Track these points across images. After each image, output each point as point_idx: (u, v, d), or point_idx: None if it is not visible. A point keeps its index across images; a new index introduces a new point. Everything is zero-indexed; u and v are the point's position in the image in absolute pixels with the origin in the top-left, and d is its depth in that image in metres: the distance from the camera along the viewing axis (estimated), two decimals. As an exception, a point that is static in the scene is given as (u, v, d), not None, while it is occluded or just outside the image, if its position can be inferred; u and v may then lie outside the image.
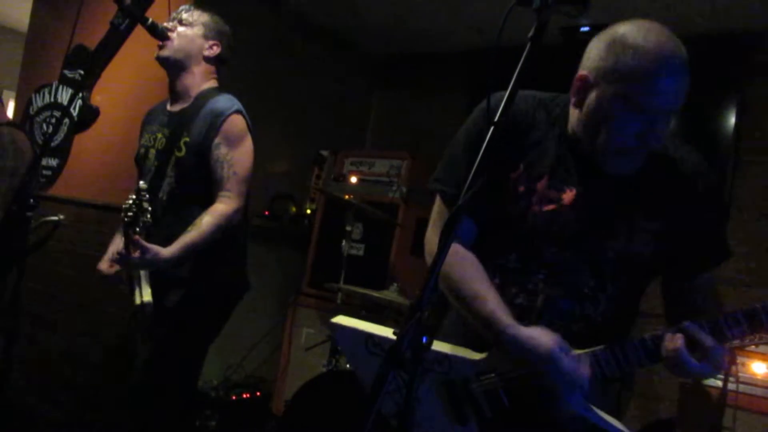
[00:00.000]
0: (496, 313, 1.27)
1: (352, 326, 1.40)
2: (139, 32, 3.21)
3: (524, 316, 1.31)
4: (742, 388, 2.61)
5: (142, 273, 2.07)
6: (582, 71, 1.27)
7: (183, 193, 2.18)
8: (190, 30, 2.25)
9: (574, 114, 1.32)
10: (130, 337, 2.27)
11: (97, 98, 3.75)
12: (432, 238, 1.44)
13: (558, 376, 1.20)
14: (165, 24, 2.25)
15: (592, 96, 1.25)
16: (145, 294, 2.06)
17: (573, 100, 1.29)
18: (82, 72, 3.85)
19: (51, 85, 4.00)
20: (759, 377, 2.71)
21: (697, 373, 1.16)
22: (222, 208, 2.11)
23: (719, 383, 2.62)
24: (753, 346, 2.75)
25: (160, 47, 2.23)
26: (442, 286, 1.38)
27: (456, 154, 1.40)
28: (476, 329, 1.32)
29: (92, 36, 3.75)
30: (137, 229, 1.95)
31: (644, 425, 3.14)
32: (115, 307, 3.16)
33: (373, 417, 0.81)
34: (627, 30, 1.22)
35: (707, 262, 1.35)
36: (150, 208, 1.95)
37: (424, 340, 0.88)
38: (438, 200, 1.46)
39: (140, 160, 2.31)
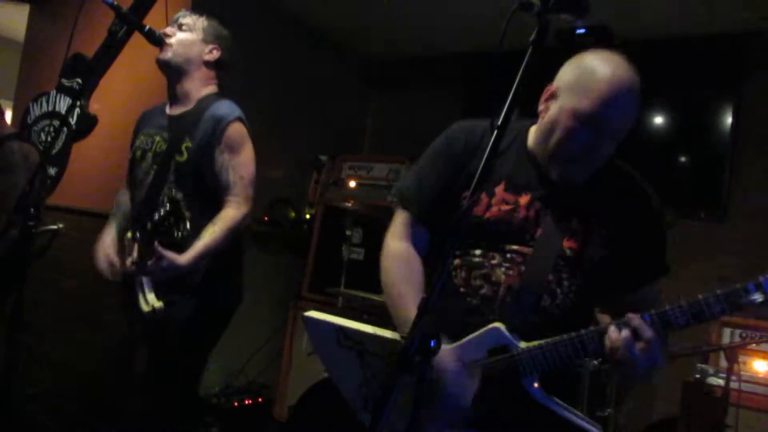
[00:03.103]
0: (410, 314, 1.38)
1: (324, 319, 1.47)
2: (137, 40, 3.22)
3: (487, 306, 1.44)
4: (744, 386, 2.62)
5: (146, 279, 2.08)
6: (552, 84, 1.45)
7: (183, 198, 2.18)
8: (189, 35, 2.26)
9: (534, 128, 1.51)
10: (132, 345, 2.27)
11: (95, 106, 3.75)
12: (388, 240, 1.59)
13: (446, 385, 1.37)
14: (164, 29, 2.25)
15: (555, 106, 1.42)
16: (151, 299, 2.06)
17: (540, 107, 1.47)
18: (79, 80, 3.85)
19: (48, 94, 4.00)
20: (761, 375, 2.73)
21: (637, 365, 1.25)
22: (232, 213, 2.12)
23: (721, 382, 2.63)
24: (754, 345, 2.76)
25: (161, 50, 2.23)
26: (381, 281, 1.55)
27: (417, 166, 1.60)
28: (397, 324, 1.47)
29: (89, 44, 3.74)
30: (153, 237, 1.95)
31: (646, 425, 3.15)
32: (115, 315, 3.15)
33: (383, 419, 0.81)
34: (593, 56, 1.41)
35: (648, 276, 1.49)
36: (189, 215, 1.95)
37: (432, 344, 0.88)
38: (398, 211, 1.61)
39: (135, 162, 2.30)
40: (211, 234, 2.06)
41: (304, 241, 4.05)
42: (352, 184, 3.94)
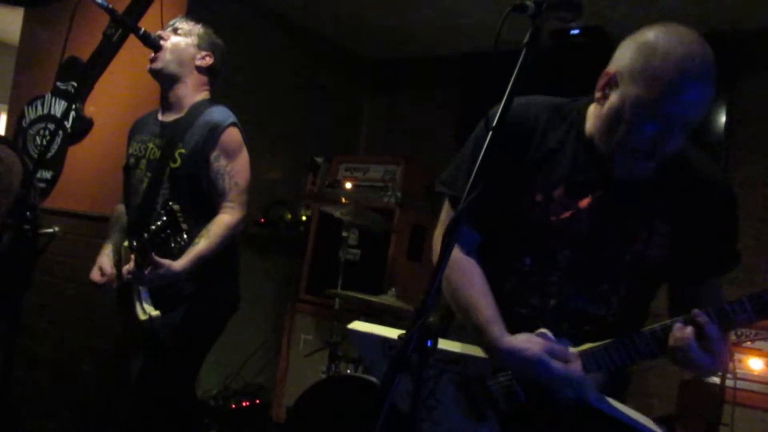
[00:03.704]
0: (489, 325, 1.31)
1: (368, 331, 1.42)
2: (132, 43, 3.22)
3: (537, 316, 1.35)
4: (739, 384, 2.63)
5: (142, 287, 2.09)
6: (610, 68, 1.28)
7: (180, 209, 2.17)
8: (183, 39, 2.26)
9: (593, 113, 1.34)
10: (128, 354, 2.28)
11: (91, 109, 3.75)
12: (437, 238, 1.47)
13: (551, 380, 1.25)
14: (159, 32, 2.25)
15: (616, 94, 1.25)
16: (148, 308, 2.07)
17: (597, 95, 1.30)
18: (74, 83, 3.85)
19: (44, 97, 4.00)
20: (756, 373, 2.74)
21: (701, 364, 1.18)
22: (227, 218, 2.13)
23: (717, 380, 2.64)
24: (749, 342, 2.78)
25: (152, 60, 2.22)
26: (443, 291, 1.42)
27: (463, 158, 1.43)
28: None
29: (84, 47, 3.75)
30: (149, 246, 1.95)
31: (643, 423, 3.15)
32: (113, 319, 3.15)
33: (383, 418, 0.82)
34: (659, 34, 1.22)
35: (717, 269, 1.39)
36: (186, 227, 1.94)
37: (429, 344, 0.89)
38: (446, 202, 1.49)
39: (129, 169, 2.30)
40: (205, 240, 2.07)
41: (300, 242, 4.05)
42: (348, 185, 3.95)
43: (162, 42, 2.22)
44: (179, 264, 2.01)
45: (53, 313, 3.58)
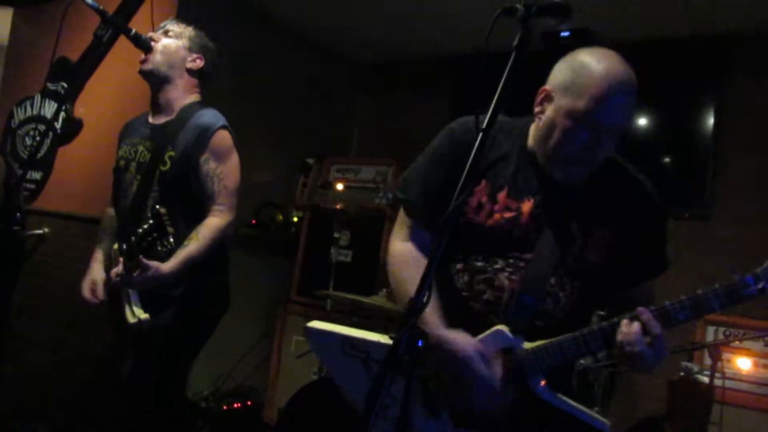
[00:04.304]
0: (426, 315, 1.37)
1: (327, 329, 1.46)
2: (122, 44, 3.21)
3: (491, 311, 1.44)
4: (728, 383, 2.65)
5: (131, 290, 2.08)
6: (546, 86, 1.43)
7: (167, 208, 2.17)
8: (174, 41, 2.25)
9: (533, 128, 1.48)
10: (118, 355, 2.27)
11: (81, 110, 3.73)
12: (392, 242, 1.60)
13: (474, 374, 1.35)
14: (150, 34, 2.25)
15: (550, 108, 1.40)
16: (137, 311, 2.06)
17: (536, 110, 1.44)
18: (65, 84, 3.83)
19: (33, 98, 3.98)
20: (744, 372, 2.77)
21: (645, 359, 1.28)
22: (217, 221, 2.12)
23: (706, 379, 2.66)
24: (737, 342, 2.80)
25: (143, 61, 2.21)
26: (390, 284, 1.55)
27: (420, 168, 1.56)
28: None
29: (75, 48, 3.73)
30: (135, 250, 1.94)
31: (633, 424, 3.18)
32: (104, 321, 3.14)
33: (372, 419, 0.82)
34: (586, 54, 1.39)
35: (650, 273, 1.51)
36: (172, 231, 1.94)
37: (420, 343, 0.89)
38: (401, 210, 1.60)
39: (119, 172, 2.29)
40: (194, 242, 2.07)
41: (291, 244, 4.05)
42: (340, 186, 3.95)
43: (153, 43, 2.22)
44: (168, 266, 2.00)
45: (43, 314, 3.56)
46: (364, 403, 1.32)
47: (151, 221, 1.93)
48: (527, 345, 1.37)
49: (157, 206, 1.98)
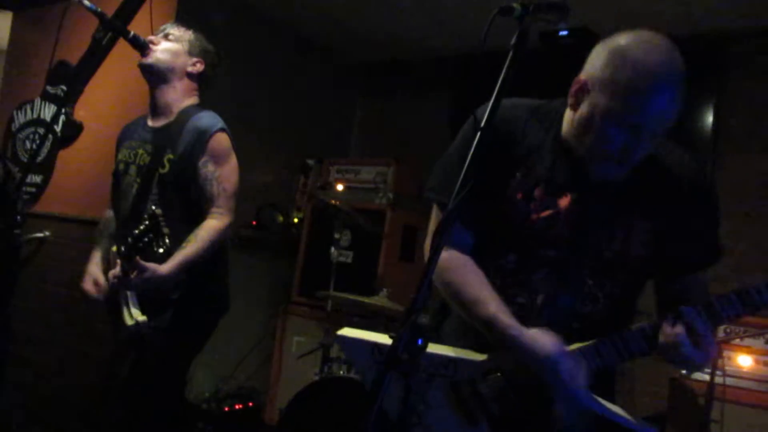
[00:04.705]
0: (498, 316, 1.31)
1: (357, 337, 1.41)
2: (122, 47, 3.22)
3: (525, 315, 1.34)
4: (729, 381, 2.65)
5: (130, 293, 2.08)
6: (582, 75, 1.30)
7: (163, 209, 2.17)
8: (174, 45, 2.25)
9: (568, 116, 1.36)
10: (118, 357, 2.27)
11: (81, 113, 3.74)
12: (428, 247, 1.47)
13: (555, 379, 1.24)
14: (150, 37, 2.25)
15: (587, 102, 1.28)
16: (135, 313, 2.06)
17: (570, 101, 1.33)
18: (64, 87, 3.84)
19: (33, 102, 3.99)
20: (745, 370, 2.76)
21: (691, 360, 1.20)
22: (215, 223, 2.12)
23: (707, 377, 2.66)
24: (738, 339, 2.80)
25: (144, 55, 2.21)
26: (443, 294, 1.43)
27: (448, 163, 1.43)
28: (481, 332, 1.36)
29: (74, 51, 3.74)
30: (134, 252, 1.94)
31: (635, 422, 3.17)
32: (105, 323, 3.14)
33: (373, 419, 0.82)
34: (629, 42, 1.25)
35: (699, 263, 1.40)
36: (168, 231, 1.94)
37: (420, 342, 0.89)
38: (434, 209, 1.49)
39: (119, 175, 2.30)
40: (193, 244, 2.06)
41: (292, 245, 4.05)
42: (340, 187, 3.95)
43: (152, 46, 2.22)
44: (166, 268, 2.00)
45: (44, 317, 3.56)
46: (396, 410, 1.29)
47: (146, 222, 1.94)
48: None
49: (153, 207, 1.99)
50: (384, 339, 1.36)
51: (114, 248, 2.21)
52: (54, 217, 3.62)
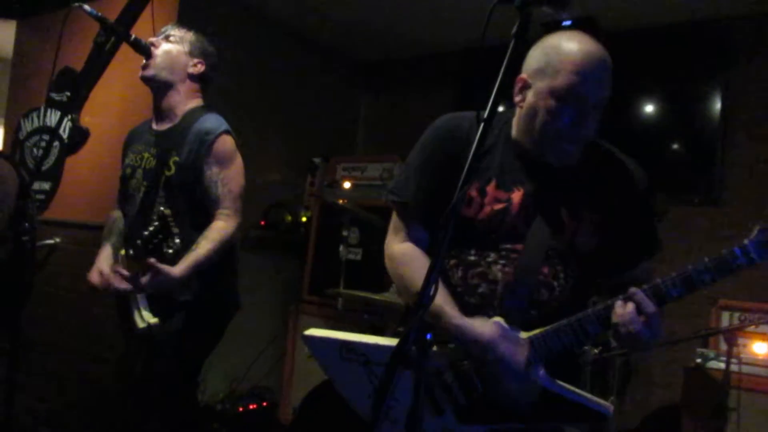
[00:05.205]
0: (444, 307, 1.41)
1: (324, 336, 1.46)
2: (126, 51, 3.22)
3: (486, 304, 1.44)
4: (744, 369, 2.63)
5: (140, 296, 2.09)
6: (521, 75, 1.43)
7: (173, 213, 2.18)
8: (175, 46, 2.26)
9: (516, 118, 1.49)
10: (129, 360, 2.29)
11: (86, 119, 3.75)
12: (389, 244, 1.59)
13: (497, 361, 1.34)
14: (151, 39, 2.25)
15: (530, 94, 1.41)
16: (146, 316, 2.08)
17: (516, 100, 1.45)
18: (69, 94, 3.85)
19: (39, 109, 4.00)
20: (761, 357, 2.74)
21: (641, 338, 1.28)
22: (223, 225, 2.13)
23: (722, 365, 2.64)
24: (753, 327, 2.78)
25: (144, 67, 2.22)
26: (396, 285, 1.55)
27: (410, 169, 1.56)
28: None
29: (79, 58, 3.75)
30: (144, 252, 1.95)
31: (650, 412, 3.16)
32: (116, 327, 3.16)
33: (381, 414, 0.82)
34: (557, 37, 1.41)
35: (643, 253, 1.52)
36: (178, 231, 1.95)
37: (429, 336, 0.89)
38: (394, 212, 1.62)
39: (126, 179, 2.30)
40: (203, 246, 2.07)
41: (301, 244, 4.06)
42: (347, 185, 3.95)
43: (153, 49, 2.22)
44: (177, 270, 2.01)
45: (56, 323, 3.58)
46: (367, 408, 1.34)
47: (156, 223, 1.94)
48: (524, 335, 1.38)
49: (162, 208, 2.00)
50: (353, 336, 1.43)
51: (123, 252, 2.22)
52: (63, 224, 3.64)
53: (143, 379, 2.21)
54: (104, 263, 2.24)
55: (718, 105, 3.39)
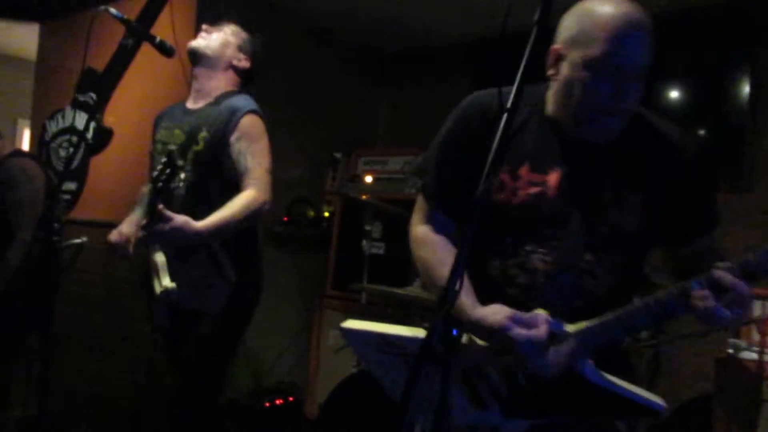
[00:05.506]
0: (460, 297, 1.29)
1: (362, 329, 1.41)
2: (146, 51, 3.25)
3: (526, 296, 1.35)
4: (778, 358, 2.57)
5: (160, 261, 2.10)
6: (554, 45, 1.33)
7: (200, 188, 2.20)
8: (229, 37, 2.34)
9: (551, 93, 1.38)
10: (154, 344, 2.32)
11: (110, 119, 3.80)
12: (412, 224, 1.54)
13: (514, 346, 1.24)
14: (205, 26, 2.34)
15: (564, 65, 1.31)
16: (164, 281, 2.06)
17: (550, 73, 1.35)
18: (93, 94, 3.90)
19: (64, 110, 4.06)
20: (795, 346, 2.67)
21: (727, 320, 1.15)
22: (253, 193, 2.11)
23: (755, 356, 2.58)
24: (786, 315, 2.71)
25: (197, 38, 2.30)
26: (418, 268, 1.48)
27: (434, 152, 1.48)
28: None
29: (99, 58, 3.79)
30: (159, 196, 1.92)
31: (681, 404, 3.11)
32: (146, 325, 3.19)
33: (409, 413, 0.81)
34: (587, 2, 1.30)
35: (696, 231, 1.39)
36: (182, 164, 1.95)
37: (455, 332, 0.88)
38: (419, 196, 1.54)
39: (156, 155, 2.35)
40: (229, 208, 2.05)
41: (324, 239, 4.07)
42: (369, 178, 3.95)
43: (205, 33, 2.31)
44: (200, 224, 1.98)
45: (86, 323, 3.64)
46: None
47: (163, 161, 1.92)
48: (569, 327, 1.28)
49: (170, 146, 2.04)
50: (390, 329, 1.36)
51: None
52: (90, 223, 3.68)
53: (180, 365, 2.25)
54: (126, 225, 2.32)
55: (747, 88, 3.31)
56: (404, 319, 3.20)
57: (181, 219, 1.93)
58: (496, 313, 1.28)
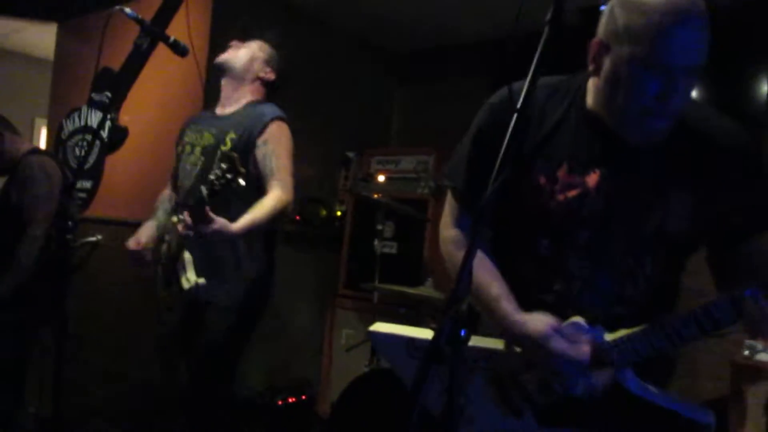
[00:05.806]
0: (498, 301, 1.29)
1: (390, 332, 1.39)
2: (160, 51, 3.27)
3: (563, 303, 1.29)
4: (795, 361, 2.54)
5: (188, 258, 2.18)
6: (596, 37, 1.24)
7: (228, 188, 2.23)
8: (256, 52, 2.45)
9: (592, 85, 1.29)
10: (167, 338, 2.36)
11: (126, 118, 3.83)
12: (441, 226, 1.49)
13: (550, 358, 1.19)
14: (232, 42, 2.44)
15: (609, 59, 1.20)
16: (192, 278, 2.15)
17: (591, 67, 1.25)
18: (109, 94, 3.93)
19: (80, 109, 4.10)
20: (812, 349, 2.63)
21: None
22: (280, 193, 2.21)
23: (771, 358, 2.55)
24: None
25: (225, 53, 2.43)
26: (448, 268, 1.42)
27: (463, 150, 1.43)
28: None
29: (116, 58, 3.82)
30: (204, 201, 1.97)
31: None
32: (158, 324, 3.21)
33: (416, 415, 0.81)
34: None
35: (750, 230, 1.27)
36: (244, 170, 1.97)
37: (463, 333, 0.87)
38: (449, 195, 1.49)
39: (181, 157, 2.43)
40: (259, 209, 2.15)
41: (336, 238, 4.07)
42: (381, 178, 3.95)
43: (233, 48, 2.43)
44: (236, 226, 2.06)
45: (100, 321, 3.67)
46: (440, 406, 1.25)
47: (223, 165, 1.94)
48: (608, 336, 1.22)
49: (223, 148, 2.17)
50: (418, 333, 1.33)
51: (174, 219, 2.29)
52: (105, 221, 3.72)
53: (195, 354, 2.32)
54: (143, 234, 2.43)
55: (765, 87, 3.27)
56: (416, 318, 3.20)
57: (221, 221, 2.01)
58: (538, 320, 1.23)
